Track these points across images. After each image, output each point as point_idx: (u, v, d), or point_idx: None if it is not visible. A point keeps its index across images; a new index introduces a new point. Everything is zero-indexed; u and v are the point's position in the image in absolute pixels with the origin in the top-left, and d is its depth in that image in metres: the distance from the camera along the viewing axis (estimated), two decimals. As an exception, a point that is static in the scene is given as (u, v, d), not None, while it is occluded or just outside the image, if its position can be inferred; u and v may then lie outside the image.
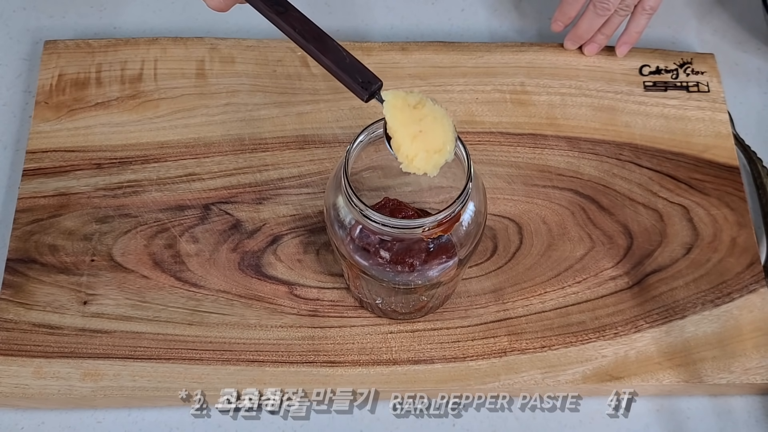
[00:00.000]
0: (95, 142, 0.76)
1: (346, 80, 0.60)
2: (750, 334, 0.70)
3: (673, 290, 0.72)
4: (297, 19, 0.60)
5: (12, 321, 0.69)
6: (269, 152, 0.76)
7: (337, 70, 0.59)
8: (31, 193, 0.74)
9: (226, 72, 0.80)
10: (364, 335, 0.69)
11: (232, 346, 0.68)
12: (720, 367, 0.69)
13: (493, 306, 0.71)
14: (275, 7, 0.60)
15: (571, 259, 0.73)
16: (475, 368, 0.68)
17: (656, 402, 0.70)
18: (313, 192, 0.75)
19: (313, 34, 0.60)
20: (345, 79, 0.60)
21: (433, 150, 0.57)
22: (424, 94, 0.59)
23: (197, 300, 0.70)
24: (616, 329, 0.70)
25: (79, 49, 0.80)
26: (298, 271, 0.72)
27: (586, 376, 0.68)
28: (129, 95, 0.78)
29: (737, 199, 0.76)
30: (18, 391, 0.66)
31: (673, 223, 0.75)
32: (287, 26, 0.60)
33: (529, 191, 0.75)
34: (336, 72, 0.60)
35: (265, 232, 0.73)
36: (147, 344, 0.68)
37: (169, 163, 0.76)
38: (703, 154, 0.77)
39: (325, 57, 0.60)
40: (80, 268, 0.71)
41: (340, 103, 0.78)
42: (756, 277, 0.72)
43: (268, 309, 0.70)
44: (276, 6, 0.61)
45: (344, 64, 0.59)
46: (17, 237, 0.72)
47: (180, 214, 0.74)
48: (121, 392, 0.67)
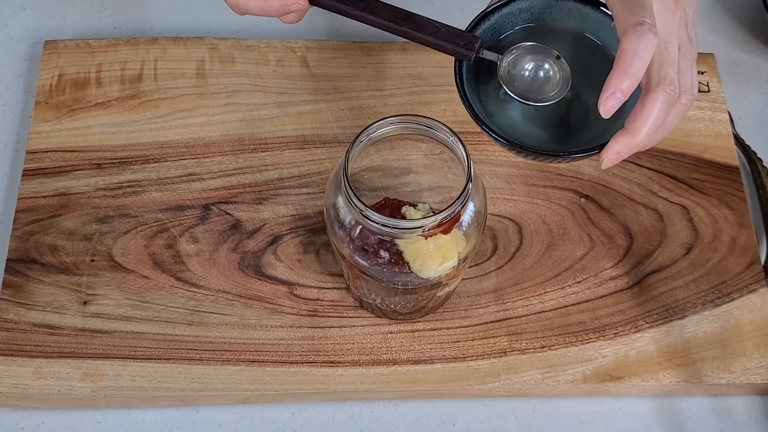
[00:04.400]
0: (95, 142, 0.76)
1: (449, 48, 0.60)
2: (750, 334, 0.70)
3: (673, 290, 0.72)
4: (382, 8, 0.61)
5: (12, 321, 0.69)
6: (269, 152, 0.76)
7: (439, 42, 0.60)
8: (31, 193, 0.74)
9: (226, 72, 0.80)
10: (364, 335, 0.69)
11: (232, 346, 0.68)
12: (720, 367, 0.69)
13: (493, 306, 0.71)
14: (357, 4, 0.61)
15: (571, 259, 0.73)
16: (475, 368, 0.68)
17: (656, 402, 0.70)
18: (313, 192, 0.75)
19: (402, 16, 0.61)
20: (448, 47, 0.60)
21: (443, 258, 0.61)
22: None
23: (197, 300, 0.70)
24: (616, 329, 0.70)
25: (79, 49, 0.80)
26: (298, 271, 0.72)
27: (586, 376, 0.68)
28: (129, 95, 0.78)
29: (737, 199, 0.76)
30: (18, 391, 0.66)
31: (673, 223, 0.75)
32: (376, 18, 0.61)
33: (529, 191, 0.75)
34: (437, 44, 0.60)
35: (265, 232, 0.73)
36: (147, 344, 0.68)
37: (169, 163, 0.76)
38: (703, 154, 0.77)
39: (423, 34, 0.60)
40: (80, 268, 0.71)
41: (340, 103, 0.78)
42: (756, 277, 0.72)
43: (268, 309, 0.70)
44: (358, 3, 0.61)
45: (441, 34, 0.60)
46: (17, 237, 0.72)
47: (180, 214, 0.74)
48: (121, 392, 0.67)
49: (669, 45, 0.58)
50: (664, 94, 0.56)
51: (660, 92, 0.56)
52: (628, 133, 0.57)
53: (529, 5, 0.64)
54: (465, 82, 0.61)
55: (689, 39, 0.60)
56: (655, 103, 0.56)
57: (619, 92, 0.55)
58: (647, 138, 0.57)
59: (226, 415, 0.68)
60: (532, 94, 0.61)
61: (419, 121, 0.62)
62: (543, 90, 0.61)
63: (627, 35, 0.55)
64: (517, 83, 0.61)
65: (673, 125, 0.59)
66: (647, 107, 0.56)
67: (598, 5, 0.63)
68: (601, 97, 0.55)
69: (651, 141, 0.58)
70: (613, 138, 0.57)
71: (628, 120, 0.57)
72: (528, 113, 0.64)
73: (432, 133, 0.62)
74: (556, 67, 0.61)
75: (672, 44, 0.58)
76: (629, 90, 0.55)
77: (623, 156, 0.58)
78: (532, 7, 0.64)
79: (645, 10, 0.56)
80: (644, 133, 0.57)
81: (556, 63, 0.61)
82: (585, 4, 0.63)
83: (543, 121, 0.64)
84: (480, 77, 0.64)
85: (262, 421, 0.68)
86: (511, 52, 0.62)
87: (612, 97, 0.55)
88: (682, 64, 0.58)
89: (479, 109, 0.61)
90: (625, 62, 0.55)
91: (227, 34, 0.82)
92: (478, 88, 0.63)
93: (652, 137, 0.58)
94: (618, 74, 0.55)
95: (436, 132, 0.61)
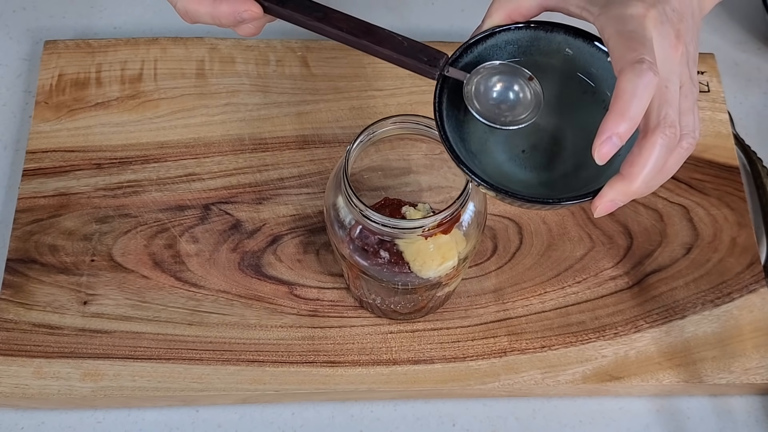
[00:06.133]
0: (95, 142, 0.76)
1: (410, 64, 0.56)
2: (750, 334, 0.70)
3: (673, 290, 0.72)
4: (340, 19, 0.58)
5: (12, 321, 0.69)
6: (269, 152, 0.76)
7: (399, 57, 0.57)
8: (31, 193, 0.74)
9: (226, 72, 0.80)
10: (364, 335, 0.69)
11: (232, 346, 0.68)
12: (720, 367, 0.69)
13: (493, 306, 0.71)
14: (314, 15, 0.58)
15: (571, 259, 0.73)
16: (475, 368, 0.68)
17: (656, 402, 0.70)
18: (313, 192, 0.75)
19: (362, 28, 0.57)
20: (409, 63, 0.56)
21: (443, 258, 0.61)
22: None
23: (197, 300, 0.70)
24: (616, 329, 0.70)
25: (79, 49, 0.80)
26: (298, 271, 0.72)
27: (586, 376, 0.68)
28: (129, 95, 0.78)
29: (737, 199, 0.76)
30: (18, 391, 0.66)
31: (673, 223, 0.75)
32: (333, 29, 0.57)
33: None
34: (398, 59, 0.57)
35: (265, 232, 0.73)
36: (147, 344, 0.68)
37: (169, 163, 0.76)
38: (703, 154, 0.77)
39: (382, 48, 0.57)
40: (80, 268, 0.71)
41: (340, 103, 0.78)
42: (756, 277, 0.72)
43: (268, 309, 0.70)
44: (315, 13, 0.58)
45: (404, 49, 0.57)
46: (17, 237, 0.72)
47: (180, 214, 0.74)
48: (121, 392, 0.67)
49: (670, 84, 0.52)
50: (664, 137, 0.51)
51: (660, 135, 0.51)
52: (624, 179, 0.51)
53: (515, 37, 0.57)
54: (446, 119, 0.56)
55: (690, 78, 0.54)
56: (654, 147, 0.51)
57: (616, 137, 0.50)
58: (645, 185, 0.52)
59: (226, 415, 0.68)
60: (501, 116, 0.55)
61: (419, 121, 0.62)
62: (513, 113, 0.56)
63: (625, 74, 0.50)
64: (484, 104, 0.55)
65: (673, 171, 0.53)
66: (645, 151, 0.51)
67: (592, 39, 0.56)
68: (596, 141, 0.50)
69: (649, 188, 0.53)
70: (608, 184, 0.52)
71: (624, 164, 0.51)
72: (515, 153, 0.58)
73: (432, 133, 0.62)
74: (528, 89, 0.56)
75: (673, 83, 0.52)
76: (627, 134, 0.50)
77: (618, 204, 0.53)
78: (518, 39, 0.57)
79: (644, 46, 0.50)
80: (641, 180, 0.51)
81: (528, 84, 0.56)
82: (577, 37, 0.57)
83: (531, 162, 0.58)
84: (462, 114, 0.58)
85: (262, 421, 0.68)
86: (479, 72, 0.56)
87: (608, 142, 0.50)
88: (684, 105, 0.53)
89: (460, 148, 0.55)
90: (622, 104, 0.49)
91: (227, 34, 0.82)
92: (460, 126, 0.57)
93: (650, 184, 0.52)
94: (615, 117, 0.50)
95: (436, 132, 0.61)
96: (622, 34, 0.51)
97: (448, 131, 0.55)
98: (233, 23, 0.59)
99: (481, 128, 0.58)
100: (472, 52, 0.57)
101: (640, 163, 0.51)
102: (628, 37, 0.51)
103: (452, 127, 0.56)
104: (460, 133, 0.57)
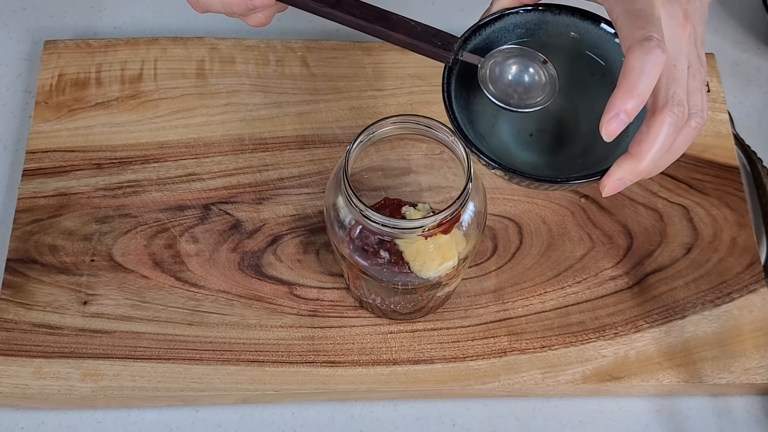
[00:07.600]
0: (95, 142, 0.76)
1: (425, 49, 0.56)
2: (750, 334, 0.70)
3: (673, 290, 0.72)
4: (353, 5, 0.57)
5: (12, 321, 0.69)
6: (269, 152, 0.76)
7: (413, 42, 0.57)
8: (31, 193, 0.74)
9: (226, 72, 0.80)
10: (364, 335, 0.69)
11: (232, 346, 0.68)
12: (720, 367, 0.69)
13: (493, 306, 0.71)
14: (327, 1, 0.57)
15: (571, 259, 0.73)
16: (475, 368, 0.68)
17: (656, 402, 0.70)
18: (313, 192, 0.75)
19: (375, 14, 0.57)
20: (423, 48, 0.56)
21: (443, 258, 0.61)
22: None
23: (197, 300, 0.70)
24: (616, 329, 0.70)
25: (79, 49, 0.80)
26: (298, 271, 0.72)
27: (586, 376, 0.68)
28: (129, 95, 0.78)
29: (737, 199, 0.76)
30: (18, 391, 0.66)
31: (673, 223, 0.75)
32: (346, 15, 0.57)
33: (529, 191, 0.75)
34: (412, 44, 0.57)
35: (265, 232, 0.73)
36: (147, 344, 0.68)
37: (169, 163, 0.76)
38: (703, 154, 0.77)
39: (396, 33, 0.57)
40: (80, 268, 0.71)
41: (340, 103, 0.78)
42: (756, 277, 0.72)
43: (268, 309, 0.70)
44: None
45: (417, 33, 0.56)
46: (17, 237, 0.72)
47: (180, 214, 0.74)
48: (121, 392, 0.67)
49: (678, 63, 0.52)
50: (672, 115, 0.51)
51: (668, 114, 0.51)
52: (632, 158, 0.52)
53: (523, 20, 0.58)
54: (454, 100, 0.56)
55: (698, 57, 0.54)
56: (663, 126, 0.51)
57: (623, 113, 0.50)
58: (653, 164, 0.52)
59: (226, 415, 0.68)
60: (516, 100, 0.56)
61: (419, 121, 0.62)
62: (527, 96, 0.56)
63: (633, 51, 0.50)
64: (499, 88, 0.56)
65: (681, 151, 0.53)
66: (653, 130, 0.51)
67: (599, 21, 0.57)
68: (603, 118, 0.50)
69: (657, 167, 0.53)
70: (616, 163, 0.52)
71: (632, 144, 0.52)
72: (522, 136, 0.59)
73: (432, 133, 0.62)
74: (543, 72, 0.56)
75: (681, 62, 0.53)
76: (634, 111, 0.50)
77: (627, 183, 0.53)
78: (526, 21, 0.58)
79: (653, 25, 0.51)
80: (650, 159, 0.51)
81: (543, 68, 0.56)
82: (584, 19, 0.58)
83: (538, 145, 0.59)
84: (470, 96, 0.59)
85: (262, 421, 0.68)
86: (494, 56, 0.57)
87: (615, 119, 0.50)
88: (692, 84, 0.53)
89: (468, 130, 0.56)
90: (630, 81, 0.50)
91: (227, 34, 0.82)
92: (468, 108, 0.58)
93: (658, 163, 0.52)
94: (622, 94, 0.50)
95: (436, 132, 0.61)
96: (630, 12, 0.52)
97: (457, 113, 0.56)
98: (244, 11, 0.59)
99: (490, 111, 0.58)
100: (480, 34, 0.58)
101: (649, 142, 0.51)
102: (637, 15, 0.51)
103: (461, 109, 0.57)
104: (468, 116, 0.58)
